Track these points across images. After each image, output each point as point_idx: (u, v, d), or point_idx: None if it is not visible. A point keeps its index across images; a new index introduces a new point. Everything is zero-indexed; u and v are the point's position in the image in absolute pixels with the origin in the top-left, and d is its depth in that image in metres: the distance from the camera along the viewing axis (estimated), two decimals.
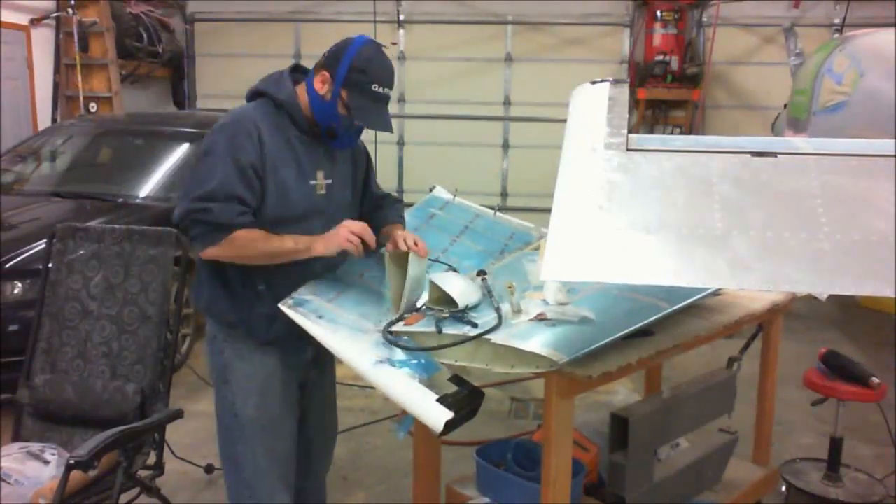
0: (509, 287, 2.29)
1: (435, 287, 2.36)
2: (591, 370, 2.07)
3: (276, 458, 2.37)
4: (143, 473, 2.70)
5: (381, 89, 2.24)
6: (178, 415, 2.70)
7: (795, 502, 3.50)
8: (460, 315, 2.25)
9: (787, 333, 3.52)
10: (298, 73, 2.40)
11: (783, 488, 3.54)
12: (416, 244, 2.33)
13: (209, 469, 3.62)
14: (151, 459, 2.77)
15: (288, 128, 2.28)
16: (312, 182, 2.32)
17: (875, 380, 3.32)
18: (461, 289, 2.31)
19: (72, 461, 2.28)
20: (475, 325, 2.19)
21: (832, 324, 6.29)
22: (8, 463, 2.55)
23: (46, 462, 2.60)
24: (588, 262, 1.54)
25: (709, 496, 2.93)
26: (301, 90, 2.31)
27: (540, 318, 2.20)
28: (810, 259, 1.49)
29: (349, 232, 2.24)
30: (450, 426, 1.94)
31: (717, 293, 2.69)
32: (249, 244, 2.17)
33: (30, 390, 2.85)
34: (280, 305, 2.28)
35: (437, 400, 1.98)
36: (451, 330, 2.19)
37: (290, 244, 2.21)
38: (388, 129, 2.31)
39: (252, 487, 2.36)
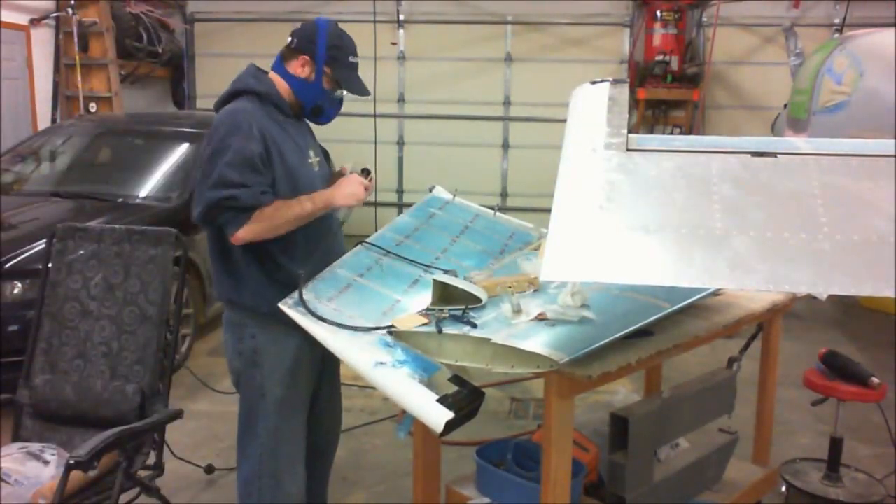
0: (509, 287, 2.29)
1: (436, 287, 2.36)
2: (591, 370, 2.07)
3: (295, 437, 2.53)
4: (142, 473, 2.70)
5: (355, 59, 2.52)
6: (178, 415, 2.70)
7: (795, 502, 3.50)
8: (460, 314, 2.25)
9: (787, 333, 3.52)
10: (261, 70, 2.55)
11: (783, 488, 3.54)
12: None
13: (209, 469, 3.62)
14: (151, 459, 2.77)
15: (276, 116, 2.44)
16: (309, 160, 2.52)
17: (875, 380, 3.31)
18: (473, 287, 2.34)
19: (71, 461, 2.28)
20: (475, 326, 2.19)
21: (832, 324, 6.29)
22: (8, 463, 2.55)
23: (46, 462, 2.60)
24: (588, 262, 1.54)
25: (709, 496, 2.93)
26: (276, 78, 2.49)
27: (540, 318, 2.20)
28: (810, 259, 1.48)
29: (359, 184, 2.42)
30: (450, 426, 1.94)
31: (717, 293, 2.68)
32: (274, 215, 2.30)
33: (30, 390, 2.85)
34: (280, 305, 2.29)
35: (438, 400, 1.98)
36: (452, 329, 2.19)
37: (308, 205, 2.35)
38: (368, 93, 2.52)
39: (266, 465, 2.48)
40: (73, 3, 7.48)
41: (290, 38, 2.50)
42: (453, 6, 8.94)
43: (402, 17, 8.94)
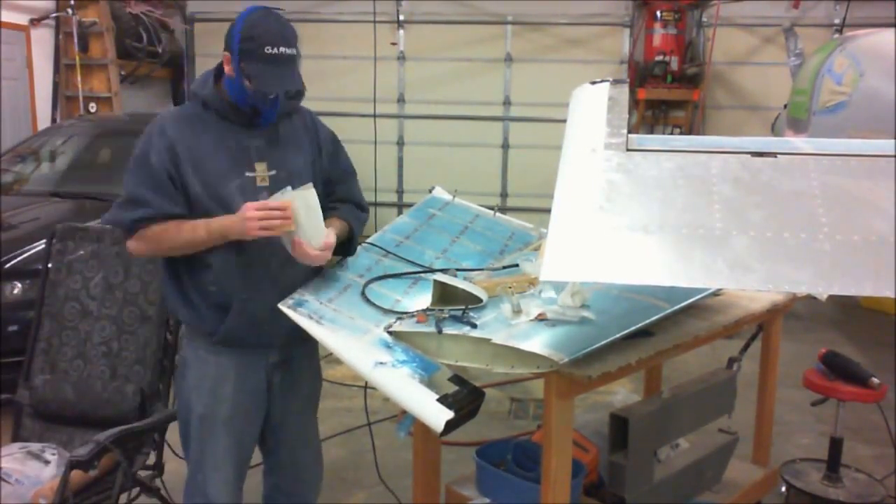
0: (509, 287, 2.29)
1: (436, 287, 2.36)
2: (591, 370, 2.07)
3: (217, 457, 2.34)
4: (142, 473, 2.70)
5: (274, 50, 2.14)
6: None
7: (795, 503, 3.50)
8: (460, 315, 2.25)
9: (787, 333, 3.52)
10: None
11: (783, 489, 3.54)
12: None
13: None
14: (151, 459, 2.77)
15: (216, 123, 2.25)
16: (250, 174, 2.25)
17: (875, 380, 3.31)
18: (473, 287, 2.33)
19: (72, 461, 2.28)
20: (475, 326, 2.19)
21: (832, 324, 6.29)
22: (8, 463, 2.55)
23: (47, 462, 2.60)
24: (588, 263, 1.54)
25: (709, 496, 2.93)
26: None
27: (540, 318, 2.20)
28: (810, 259, 1.49)
29: (253, 219, 2.11)
30: (450, 426, 1.94)
31: (717, 293, 2.68)
32: (160, 237, 2.18)
33: (30, 390, 2.85)
34: (280, 306, 2.28)
35: (438, 400, 1.98)
36: (451, 330, 2.19)
37: (202, 233, 2.16)
38: (292, 86, 2.19)
39: (195, 483, 2.37)
40: (72, 3, 7.49)
41: None
42: (453, 6, 8.94)
43: (402, 17, 8.94)
